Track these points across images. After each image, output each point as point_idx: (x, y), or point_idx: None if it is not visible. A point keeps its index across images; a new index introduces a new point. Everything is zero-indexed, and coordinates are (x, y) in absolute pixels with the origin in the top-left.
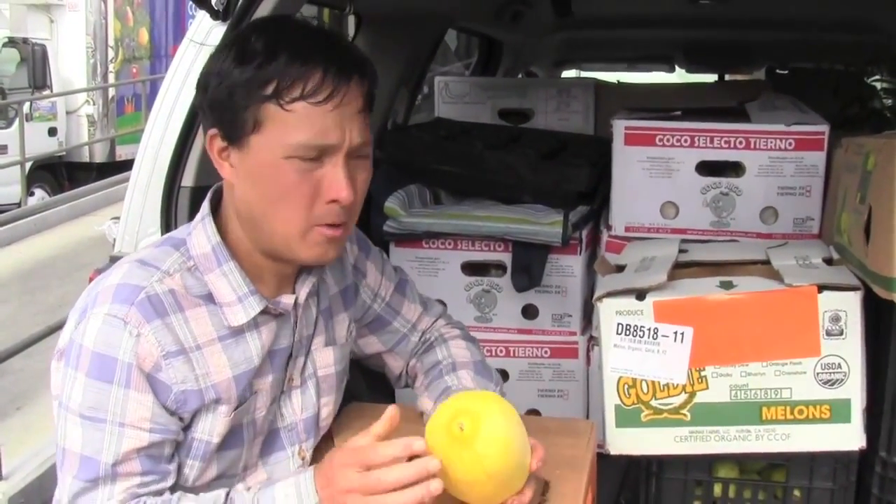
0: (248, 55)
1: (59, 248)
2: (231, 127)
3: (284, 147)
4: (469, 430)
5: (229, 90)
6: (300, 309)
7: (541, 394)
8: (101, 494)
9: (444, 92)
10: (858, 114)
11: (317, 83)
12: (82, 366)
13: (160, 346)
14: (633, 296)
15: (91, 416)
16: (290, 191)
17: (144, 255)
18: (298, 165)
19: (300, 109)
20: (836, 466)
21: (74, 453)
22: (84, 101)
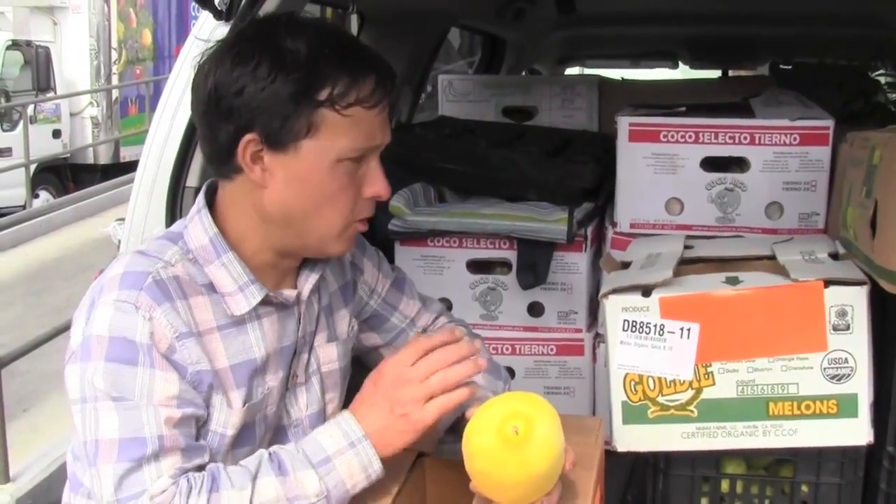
0: (291, 60)
1: (64, 249)
2: (278, 132)
3: (338, 150)
4: (523, 434)
5: (275, 96)
6: (303, 305)
7: (547, 391)
8: (149, 473)
9: (448, 90)
10: (863, 108)
11: (371, 89)
12: (100, 353)
13: (172, 327)
14: (638, 292)
15: (121, 398)
16: (340, 192)
17: (145, 248)
18: (348, 167)
19: (356, 114)
20: (844, 461)
21: (111, 440)
22: (88, 102)
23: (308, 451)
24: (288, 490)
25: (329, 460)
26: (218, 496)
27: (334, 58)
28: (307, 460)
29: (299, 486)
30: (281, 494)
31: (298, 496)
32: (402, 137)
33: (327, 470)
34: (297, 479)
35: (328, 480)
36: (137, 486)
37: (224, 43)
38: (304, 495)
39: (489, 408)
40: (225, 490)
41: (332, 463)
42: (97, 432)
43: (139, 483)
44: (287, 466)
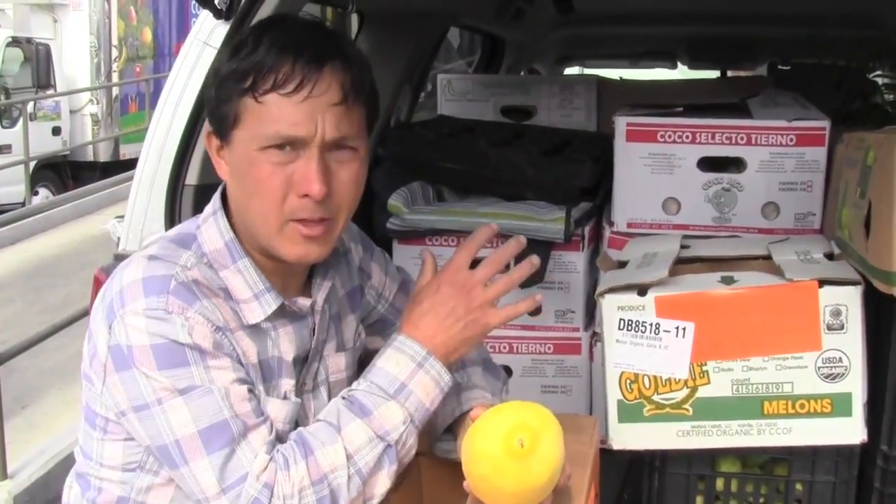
0: (236, 50)
1: (63, 247)
2: (218, 123)
3: (258, 139)
4: (528, 448)
5: (217, 86)
6: (318, 315)
7: (544, 390)
8: (244, 455)
9: (447, 89)
10: (860, 109)
11: (286, 73)
12: (148, 362)
13: (209, 322)
14: (634, 291)
15: (187, 389)
16: (264, 184)
17: (155, 252)
18: (271, 158)
19: (272, 101)
20: (838, 460)
21: (192, 434)
22: (88, 100)
23: (381, 384)
24: (376, 427)
25: (404, 386)
26: (314, 458)
27: (265, 45)
28: (384, 393)
29: (385, 420)
30: (371, 434)
31: (388, 430)
32: (401, 136)
33: (405, 396)
34: (380, 414)
35: (409, 405)
36: (238, 470)
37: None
38: (392, 427)
39: (497, 414)
40: (318, 450)
41: (407, 388)
42: (173, 432)
43: (239, 467)
44: (368, 406)
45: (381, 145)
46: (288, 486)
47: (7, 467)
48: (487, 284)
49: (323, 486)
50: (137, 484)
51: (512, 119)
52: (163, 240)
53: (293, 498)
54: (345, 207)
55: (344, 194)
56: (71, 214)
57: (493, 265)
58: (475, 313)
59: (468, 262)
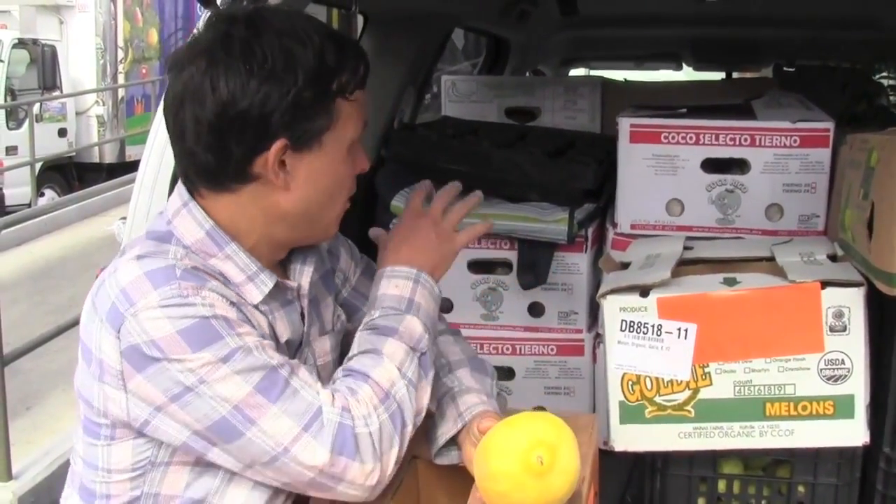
0: (302, 58)
1: (69, 248)
2: (307, 133)
3: (352, 135)
4: (547, 464)
5: (298, 98)
6: (305, 300)
7: (547, 391)
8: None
9: (451, 91)
10: (865, 111)
11: (364, 70)
12: (179, 349)
13: (224, 298)
14: (636, 292)
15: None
16: (349, 176)
17: (141, 251)
18: (354, 150)
19: (359, 98)
20: (841, 462)
21: (249, 394)
22: (94, 101)
23: (392, 305)
24: (408, 340)
25: (413, 301)
26: (373, 379)
27: (332, 46)
28: (399, 311)
29: (412, 332)
30: (406, 348)
31: (417, 339)
32: (405, 138)
33: (416, 308)
34: (405, 328)
35: (422, 316)
36: (308, 408)
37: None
38: (419, 336)
39: (511, 430)
40: (372, 371)
41: (415, 302)
42: (228, 402)
43: (308, 405)
44: (390, 326)
45: (385, 146)
46: (362, 407)
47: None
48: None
49: (390, 401)
50: (150, 478)
51: (516, 120)
52: (138, 241)
53: (371, 416)
54: None
55: None
56: (77, 216)
57: (442, 198)
58: (442, 235)
59: (422, 202)
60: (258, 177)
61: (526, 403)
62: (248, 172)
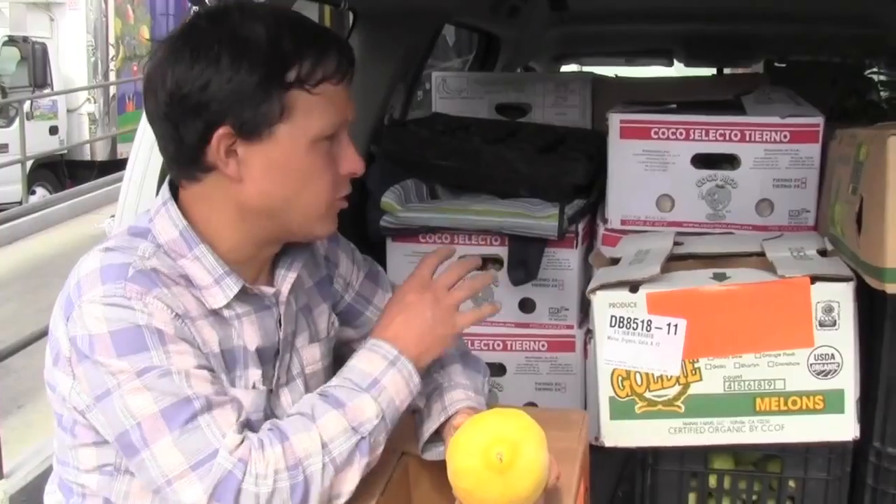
0: (253, 46)
1: (60, 246)
2: (251, 121)
3: (315, 130)
4: (507, 461)
5: (243, 84)
6: (283, 306)
7: (538, 387)
8: (211, 431)
9: (442, 87)
10: (856, 106)
11: (335, 64)
12: (107, 350)
13: (169, 308)
14: (626, 288)
15: (146, 369)
16: (320, 173)
17: (112, 244)
18: (324, 147)
19: (326, 91)
20: (831, 457)
21: (151, 414)
22: (85, 99)
23: (355, 379)
24: (351, 418)
25: (377, 381)
26: (290, 443)
27: (293, 37)
28: (357, 387)
29: (359, 412)
30: (346, 425)
31: (362, 422)
32: (395, 134)
33: (378, 391)
34: (355, 406)
35: (381, 400)
36: (206, 447)
37: (175, 38)
38: (366, 419)
39: (476, 427)
40: (294, 436)
41: (380, 383)
42: (133, 416)
43: (207, 444)
44: (342, 398)
45: (375, 143)
46: (262, 465)
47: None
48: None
49: (297, 471)
50: (116, 488)
51: (506, 117)
52: (118, 234)
53: (267, 478)
54: None
55: None
56: (68, 213)
57: (454, 273)
58: (441, 314)
59: (430, 273)
60: (213, 165)
61: (517, 400)
62: (202, 161)
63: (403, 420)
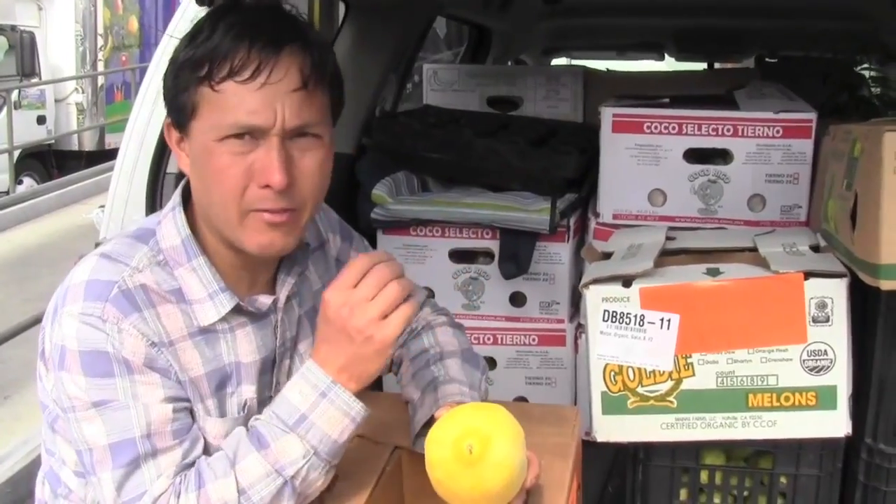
0: (193, 37)
1: (47, 236)
2: (177, 114)
3: (216, 129)
4: (477, 454)
5: (174, 75)
6: (280, 312)
7: (528, 381)
8: (149, 473)
9: (433, 79)
10: (847, 102)
11: (242, 59)
12: (75, 367)
13: (144, 337)
14: (619, 283)
15: (103, 402)
16: (223, 175)
17: (110, 250)
18: (231, 148)
19: (229, 89)
20: (823, 453)
21: (101, 446)
22: (73, 89)
23: (282, 415)
24: (273, 461)
25: (304, 418)
26: (205, 490)
27: (221, 32)
28: (284, 425)
29: (283, 454)
30: (268, 468)
31: (284, 465)
32: (386, 126)
33: (306, 428)
34: (278, 447)
35: (311, 438)
36: (138, 488)
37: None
38: (289, 462)
39: (449, 420)
40: (210, 483)
41: (308, 420)
42: (86, 441)
43: (140, 485)
44: (266, 438)
45: (366, 135)
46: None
47: None
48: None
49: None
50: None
51: (498, 110)
52: (121, 235)
53: None
54: (310, 197)
55: (308, 184)
56: (56, 204)
57: (375, 280)
58: (367, 330)
59: (354, 281)
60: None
61: (507, 394)
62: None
63: (398, 413)
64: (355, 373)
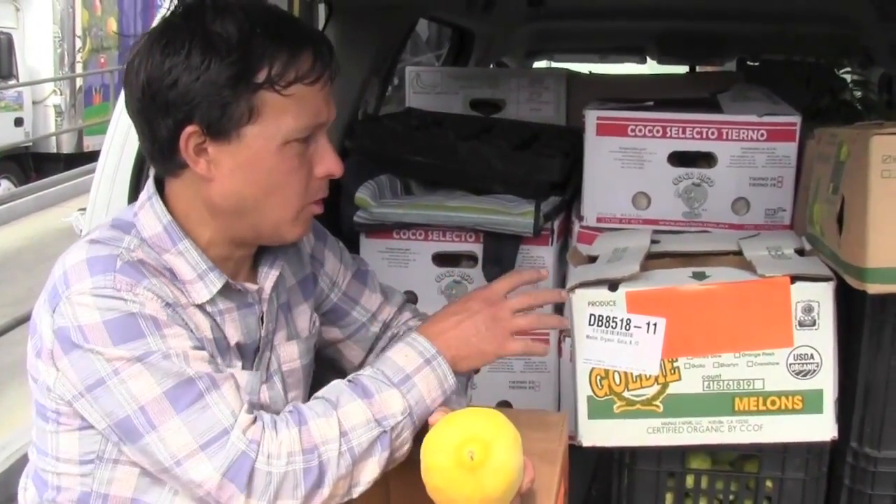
0: (223, 44)
1: (25, 239)
2: (219, 121)
3: (284, 133)
4: (478, 460)
5: (211, 84)
6: (265, 304)
7: (512, 385)
8: (221, 409)
9: (416, 82)
10: (830, 105)
11: (310, 64)
12: (102, 339)
13: (159, 298)
14: (605, 286)
15: (146, 354)
16: (291, 175)
17: (98, 236)
18: (296, 149)
19: (298, 92)
20: (808, 457)
21: (157, 397)
22: (51, 91)
23: (387, 372)
24: (375, 411)
25: (409, 378)
26: (307, 427)
27: (267, 36)
28: (388, 380)
29: (385, 406)
30: (369, 416)
31: (386, 415)
32: (368, 129)
33: (408, 387)
34: (381, 399)
35: (410, 397)
36: (216, 425)
37: (152, 33)
38: (390, 414)
39: (448, 425)
40: (312, 420)
41: (412, 380)
42: (136, 400)
43: (216, 422)
44: (371, 389)
45: (349, 138)
46: (275, 445)
47: None
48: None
49: (313, 455)
50: (98, 476)
51: (481, 112)
52: (102, 227)
53: (280, 458)
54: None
55: None
56: (33, 206)
57: (528, 298)
58: (495, 331)
59: (507, 290)
60: (185, 163)
61: (491, 398)
62: (175, 158)
63: None
64: (459, 353)
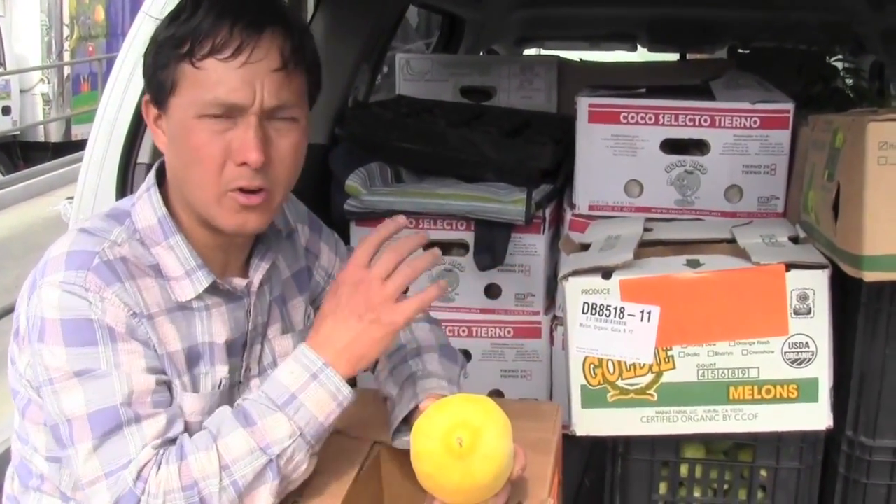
0: (175, 15)
1: (13, 228)
2: (156, 90)
3: (195, 106)
4: (467, 447)
5: (155, 52)
6: (253, 296)
7: (504, 374)
8: (133, 441)
9: (406, 69)
10: (822, 93)
11: (224, 38)
12: (55, 338)
13: (126, 307)
14: (598, 274)
15: (85, 371)
16: (201, 152)
17: (89, 225)
18: (209, 125)
19: (210, 66)
20: (803, 446)
21: (81, 416)
22: (39, 79)
23: (272, 395)
24: (259, 439)
25: (294, 398)
26: (186, 463)
27: (204, 9)
28: (273, 404)
29: (269, 432)
30: (252, 445)
31: (270, 443)
32: (359, 116)
33: (295, 408)
34: (265, 425)
35: (298, 419)
36: (122, 457)
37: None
38: (275, 440)
39: (438, 411)
40: (191, 455)
41: (297, 400)
42: (64, 412)
43: (123, 454)
44: (253, 415)
45: (339, 125)
46: (154, 485)
47: None
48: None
49: (193, 492)
50: (64, 482)
51: (471, 100)
52: (97, 215)
53: (157, 498)
54: (283, 178)
55: (283, 164)
56: (21, 195)
57: (391, 258)
58: (377, 311)
59: (368, 259)
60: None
61: (482, 387)
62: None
63: (376, 409)
64: (354, 355)
